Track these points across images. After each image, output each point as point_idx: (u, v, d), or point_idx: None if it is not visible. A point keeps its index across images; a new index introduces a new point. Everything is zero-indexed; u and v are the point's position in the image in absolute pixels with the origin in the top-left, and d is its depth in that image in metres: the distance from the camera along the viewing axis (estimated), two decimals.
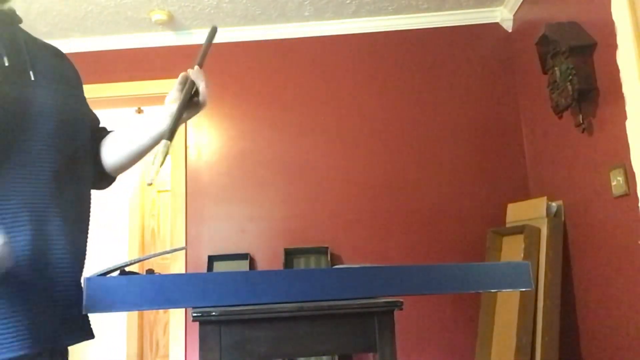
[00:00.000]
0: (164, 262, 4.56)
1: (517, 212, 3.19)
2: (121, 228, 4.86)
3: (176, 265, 3.45)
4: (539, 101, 3.19)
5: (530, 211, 3.04)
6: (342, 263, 3.39)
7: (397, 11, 3.58)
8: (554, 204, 2.96)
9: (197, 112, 1.11)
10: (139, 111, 4.82)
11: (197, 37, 3.70)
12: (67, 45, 3.55)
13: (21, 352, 0.80)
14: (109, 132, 1.24)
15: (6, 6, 0.99)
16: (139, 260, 0.71)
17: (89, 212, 1.06)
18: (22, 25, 1.03)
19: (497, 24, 3.65)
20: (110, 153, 1.17)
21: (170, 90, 1.12)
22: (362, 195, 3.48)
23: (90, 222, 1.04)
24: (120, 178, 1.29)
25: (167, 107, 1.10)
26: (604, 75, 2.41)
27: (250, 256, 3.39)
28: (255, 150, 3.57)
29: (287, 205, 3.50)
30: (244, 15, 3.52)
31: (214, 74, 3.68)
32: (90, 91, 1.34)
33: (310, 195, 3.49)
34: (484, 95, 3.58)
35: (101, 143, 1.20)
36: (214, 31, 1.15)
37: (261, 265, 3.43)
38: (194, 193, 3.54)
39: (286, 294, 0.63)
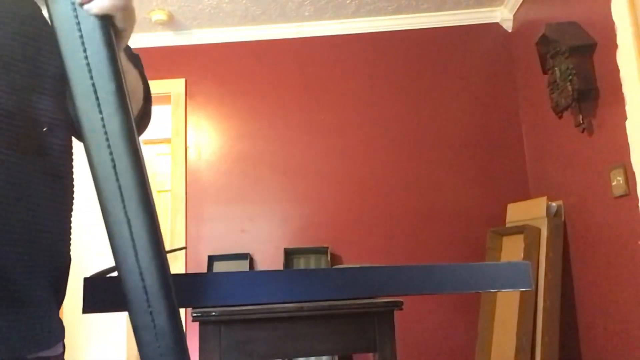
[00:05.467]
0: None
1: (517, 212, 3.19)
2: None
3: (176, 265, 3.45)
4: (539, 101, 3.19)
5: (530, 211, 3.04)
6: (342, 263, 3.38)
7: (397, 11, 3.58)
8: (554, 204, 2.96)
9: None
10: None
11: (197, 37, 3.70)
12: None
13: None
14: None
15: None
16: None
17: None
18: None
19: (497, 24, 3.65)
20: None
21: None
22: (362, 195, 3.48)
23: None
24: None
25: None
26: (604, 75, 2.41)
27: (250, 256, 3.39)
28: (255, 150, 3.57)
29: (287, 205, 3.50)
30: (244, 15, 3.52)
31: (214, 74, 3.68)
32: None
33: (310, 195, 3.49)
34: (484, 96, 3.58)
35: None
36: None
37: (261, 265, 3.43)
38: (194, 193, 3.54)
39: (286, 294, 0.63)
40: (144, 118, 0.92)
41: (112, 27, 0.59)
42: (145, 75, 0.92)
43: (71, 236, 0.79)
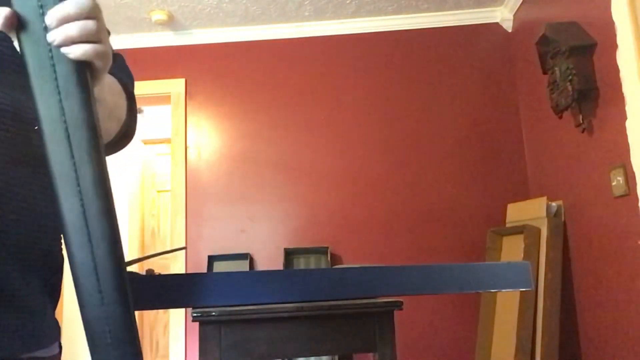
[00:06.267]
0: (164, 262, 4.56)
1: (517, 212, 3.19)
2: (121, 228, 4.85)
3: (176, 265, 3.45)
4: (539, 101, 3.19)
5: (530, 211, 3.04)
6: (342, 263, 3.38)
7: (397, 11, 3.58)
8: (554, 204, 2.96)
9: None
10: (139, 111, 4.82)
11: (197, 37, 3.70)
12: None
13: None
14: None
15: None
16: (139, 260, 0.70)
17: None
18: None
19: (497, 24, 3.65)
20: None
21: None
22: (362, 195, 3.48)
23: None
24: (119, 177, 1.17)
25: None
26: (604, 75, 2.41)
27: (250, 256, 3.39)
28: (255, 150, 3.57)
29: (287, 205, 3.50)
30: (244, 15, 3.52)
31: (214, 74, 3.68)
32: None
33: (310, 195, 3.49)
34: (484, 96, 3.58)
35: None
36: None
37: (261, 265, 3.43)
38: (194, 193, 3.54)
39: (286, 294, 0.63)
40: (127, 131, 0.90)
41: (88, 68, 0.56)
42: (131, 88, 0.89)
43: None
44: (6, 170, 0.67)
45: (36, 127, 0.71)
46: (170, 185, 3.62)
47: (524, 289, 0.67)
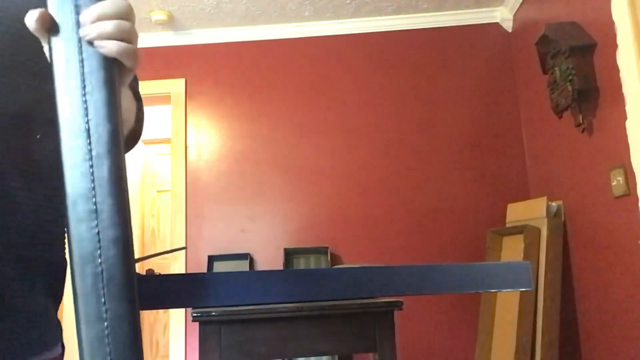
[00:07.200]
0: (164, 262, 4.56)
1: (517, 212, 3.19)
2: None
3: (176, 265, 3.45)
4: (539, 101, 3.19)
5: (530, 211, 3.04)
6: (342, 263, 3.38)
7: (397, 11, 3.58)
8: (554, 204, 2.96)
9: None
10: None
11: (197, 37, 3.70)
12: None
13: None
14: None
15: None
16: (139, 260, 0.70)
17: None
18: None
19: (497, 24, 3.65)
20: None
21: None
22: (362, 195, 3.48)
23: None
24: None
25: None
26: (604, 75, 2.41)
27: (250, 256, 3.39)
28: (255, 150, 3.57)
29: (287, 205, 3.50)
30: (244, 15, 3.52)
31: (214, 74, 3.68)
32: None
33: (310, 195, 3.49)
34: (484, 96, 3.58)
35: None
36: None
37: (261, 265, 3.43)
38: (194, 193, 3.54)
39: (286, 294, 0.63)
40: (135, 134, 0.89)
41: (117, 68, 0.55)
42: (137, 89, 0.89)
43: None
44: (9, 178, 0.67)
45: (38, 137, 0.70)
46: (170, 185, 3.62)
47: (524, 289, 0.67)
